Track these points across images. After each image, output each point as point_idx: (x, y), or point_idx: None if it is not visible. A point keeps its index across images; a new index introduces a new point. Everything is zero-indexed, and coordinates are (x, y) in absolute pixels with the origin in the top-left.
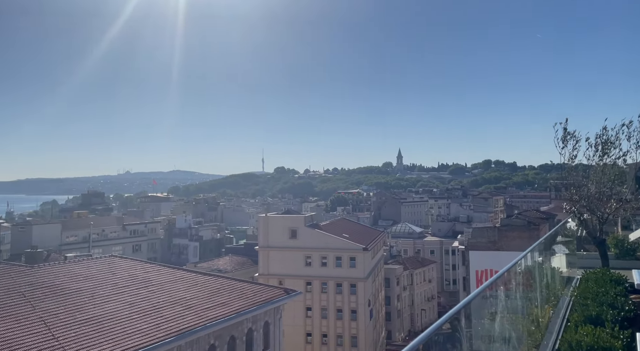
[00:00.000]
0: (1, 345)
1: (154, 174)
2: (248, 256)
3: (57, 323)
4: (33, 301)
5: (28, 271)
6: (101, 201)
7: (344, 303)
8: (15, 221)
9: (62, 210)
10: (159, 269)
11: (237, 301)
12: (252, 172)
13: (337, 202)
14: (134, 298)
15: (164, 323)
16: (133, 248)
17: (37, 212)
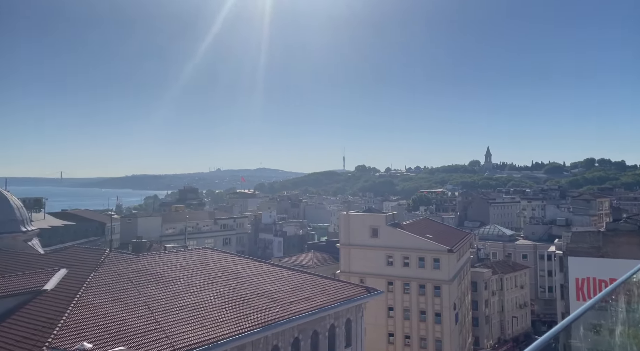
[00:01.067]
0: (113, 325)
1: (242, 172)
2: (329, 253)
3: (159, 308)
4: (139, 286)
5: (134, 259)
6: (195, 196)
7: (428, 305)
8: (123, 213)
9: (162, 204)
10: (247, 262)
11: (320, 296)
12: (333, 170)
13: (420, 201)
14: (225, 288)
15: (252, 314)
16: (223, 241)
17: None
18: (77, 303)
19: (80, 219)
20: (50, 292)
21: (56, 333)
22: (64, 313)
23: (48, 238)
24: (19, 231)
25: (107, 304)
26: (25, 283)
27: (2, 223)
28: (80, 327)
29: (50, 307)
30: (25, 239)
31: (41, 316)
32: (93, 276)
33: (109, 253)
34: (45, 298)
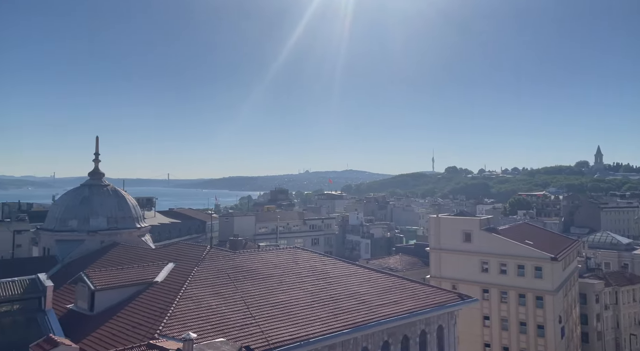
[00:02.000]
0: (214, 317)
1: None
2: (418, 256)
3: (254, 303)
4: (236, 282)
5: (231, 255)
6: (285, 197)
7: (529, 317)
8: (221, 212)
9: (255, 204)
10: (335, 263)
11: (409, 301)
12: (422, 172)
13: (518, 205)
14: (314, 287)
15: (341, 314)
16: (312, 241)
17: (236, 205)
18: (182, 295)
19: (185, 218)
20: (160, 284)
21: (166, 322)
22: (172, 304)
23: (158, 234)
24: (134, 228)
25: (208, 297)
26: (140, 275)
27: (121, 219)
28: (186, 317)
29: (160, 297)
30: (139, 234)
31: (153, 306)
32: (196, 270)
33: (210, 249)
34: (156, 289)
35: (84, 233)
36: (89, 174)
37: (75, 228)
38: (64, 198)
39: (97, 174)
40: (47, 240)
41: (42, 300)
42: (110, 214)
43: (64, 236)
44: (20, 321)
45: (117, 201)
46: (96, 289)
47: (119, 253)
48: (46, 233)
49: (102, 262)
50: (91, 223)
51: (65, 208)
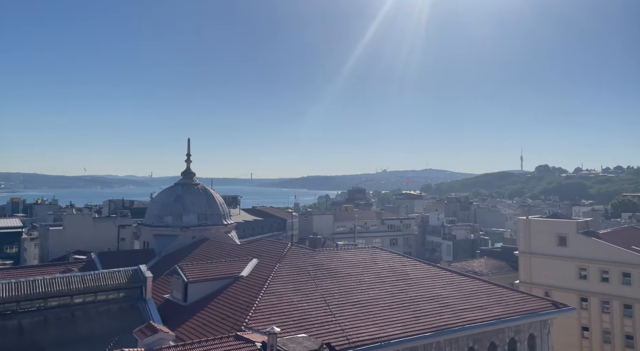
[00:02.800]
0: (296, 313)
1: (408, 173)
2: (506, 260)
3: (334, 301)
4: (316, 279)
5: (311, 253)
6: (363, 196)
7: (637, 331)
8: (300, 211)
9: (333, 203)
10: (415, 264)
11: (497, 306)
12: (509, 171)
13: (621, 207)
14: (394, 288)
15: (422, 317)
16: (390, 241)
17: (315, 204)
18: (266, 290)
19: (266, 215)
20: (246, 278)
21: (251, 315)
22: (256, 298)
23: (242, 230)
24: (222, 224)
25: (290, 293)
26: (228, 269)
27: (210, 216)
28: (270, 312)
29: (245, 291)
30: (226, 231)
31: (239, 299)
32: (278, 267)
33: (290, 246)
34: (241, 283)
35: (177, 229)
36: (182, 174)
37: (170, 224)
38: (160, 196)
39: (188, 174)
40: (147, 234)
41: (143, 289)
42: (201, 212)
43: (160, 231)
44: (125, 307)
45: (206, 199)
46: (189, 282)
47: (208, 247)
48: (145, 228)
49: (193, 256)
50: (184, 219)
51: (162, 206)
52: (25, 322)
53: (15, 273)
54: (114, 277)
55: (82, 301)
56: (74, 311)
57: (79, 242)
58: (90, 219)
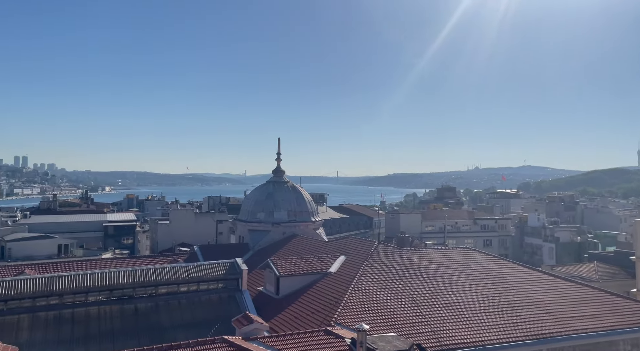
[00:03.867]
0: (384, 311)
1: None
2: (620, 265)
3: (423, 302)
4: (404, 279)
5: (399, 252)
6: (453, 195)
7: None
8: (387, 209)
9: (421, 202)
10: (512, 267)
11: (610, 316)
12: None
13: None
14: (489, 292)
15: (521, 324)
16: (484, 242)
17: (401, 202)
18: (354, 287)
19: (353, 213)
20: (334, 274)
21: (340, 311)
22: (344, 295)
23: (329, 227)
24: (310, 221)
25: (378, 291)
26: (317, 265)
27: (299, 213)
28: (358, 309)
29: (333, 287)
30: (314, 227)
31: (327, 295)
32: (366, 264)
33: (378, 244)
34: (330, 279)
35: (269, 224)
36: (273, 172)
37: (262, 220)
38: (253, 193)
39: (279, 172)
40: (242, 229)
41: (240, 281)
42: (290, 208)
43: (254, 226)
44: (224, 297)
45: (295, 196)
46: (280, 276)
47: (297, 243)
48: (240, 223)
49: (284, 251)
50: (275, 215)
51: (254, 202)
52: (140, 306)
53: (131, 262)
54: (214, 268)
55: (187, 290)
56: (180, 299)
57: (183, 235)
58: (192, 214)
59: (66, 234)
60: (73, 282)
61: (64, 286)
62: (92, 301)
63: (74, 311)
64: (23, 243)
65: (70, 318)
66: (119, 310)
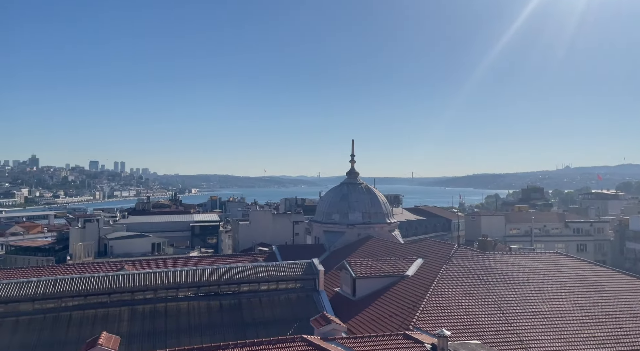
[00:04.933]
0: (466, 318)
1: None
2: None
3: (509, 309)
4: (487, 284)
5: (481, 256)
6: (540, 196)
7: None
8: (466, 211)
9: (504, 204)
10: (612, 275)
11: None
12: None
13: None
14: (584, 301)
15: (624, 337)
16: (577, 247)
17: (482, 204)
18: (433, 291)
19: (429, 215)
20: (411, 278)
21: (418, 315)
22: (423, 299)
23: (405, 229)
24: (385, 223)
25: (458, 296)
26: (393, 268)
27: (374, 214)
28: (438, 314)
29: (411, 291)
30: (389, 229)
31: (405, 298)
32: (445, 268)
33: (457, 248)
34: (407, 283)
35: (344, 226)
36: (347, 174)
37: (337, 221)
38: (327, 195)
39: (353, 174)
40: (317, 230)
41: (317, 281)
42: (365, 210)
43: (329, 227)
44: (301, 297)
45: (369, 197)
46: (357, 277)
47: (372, 245)
48: (316, 224)
49: (359, 253)
50: (349, 217)
51: (329, 204)
52: (225, 303)
53: (216, 260)
54: (292, 268)
55: (267, 289)
56: (260, 297)
57: (262, 235)
58: (270, 216)
59: (158, 234)
60: (166, 278)
61: (158, 282)
62: (182, 296)
63: (167, 305)
64: (122, 241)
65: (164, 312)
66: (206, 306)
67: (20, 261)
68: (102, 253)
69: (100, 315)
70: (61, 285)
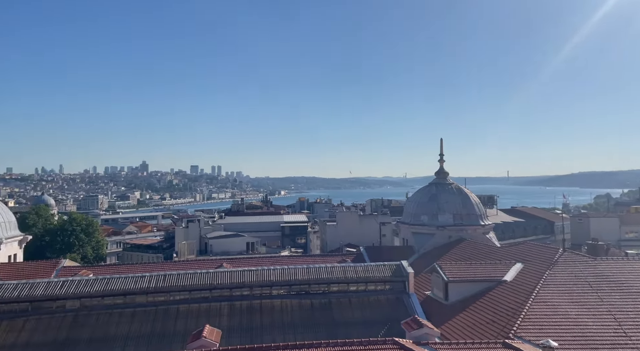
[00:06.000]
0: (575, 328)
1: None
2: None
3: (627, 321)
4: (599, 292)
5: (591, 262)
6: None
7: None
8: (572, 212)
9: (617, 204)
10: None
11: None
12: None
13: None
14: None
15: None
16: None
17: (590, 205)
18: (535, 298)
19: (528, 217)
20: (509, 283)
21: (519, 323)
22: (524, 306)
23: (501, 232)
24: (479, 225)
25: (565, 304)
26: (489, 272)
27: (466, 216)
28: (542, 322)
29: (510, 297)
30: (483, 232)
31: (504, 304)
32: (548, 273)
33: (562, 252)
34: (505, 288)
35: (433, 228)
36: (435, 174)
37: (426, 223)
38: (415, 196)
39: (442, 174)
40: (405, 232)
41: (406, 283)
42: (456, 211)
43: (417, 229)
44: (391, 299)
45: (461, 198)
46: (449, 281)
47: (465, 248)
48: (404, 226)
49: (450, 256)
50: (439, 218)
51: (417, 205)
52: (315, 302)
53: (306, 260)
54: (380, 270)
55: (356, 290)
56: (350, 297)
57: (349, 236)
58: (356, 217)
59: (252, 233)
60: (260, 276)
61: (253, 280)
62: (276, 294)
63: (262, 302)
64: (221, 240)
65: (259, 309)
66: (298, 304)
67: (134, 258)
68: (203, 251)
69: (203, 309)
70: (170, 280)
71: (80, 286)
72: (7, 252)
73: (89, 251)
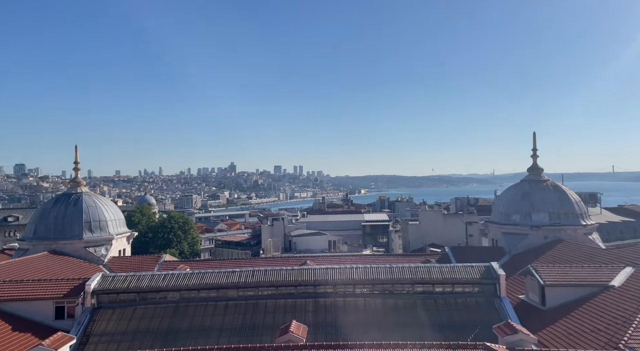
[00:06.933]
0: None
1: None
2: None
3: None
4: None
5: None
6: None
7: None
8: None
9: None
10: None
11: None
12: None
13: None
14: None
15: None
16: None
17: None
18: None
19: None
20: (617, 289)
21: (631, 333)
22: (636, 314)
23: (606, 233)
24: (579, 225)
25: None
26: (592, 276)
27: (564, 215)
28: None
29: (619, 304)
30: (585, 232)
31: (611, 312)
32: None
33: None
34: (612, 294)
35: (526, 227)
36: (528, 170)
37: (518, 222)
38: (505, 193)
39: (535, 170)
40: (494, 232)
41: (497, 286)
42: (552, 210)
43: (508, 229)
44: (480, 302)
45: (558, 196)
46: (545, 285)
47: (563, 249)
48: (493, 225)
49: (546, 257)
50: (533, 218)
51: (508, 203)
52: (399, 302)
53: (388, 259)
54: (468, 271)
55: (442, 291)
56: (436, 299)
57: (432, 235)
58: (440, 216)
59: (333, 232)
60: (343, 274)
61: (337, 278)
62: (359, 292)
63: (345, 300)
64: (304, 238)
65: (343, 306)
66: (382, 304)
67: (225, 253)
68: (288, 248)
69: (289, 305)
70: (258, 276)
71: (179, 279)
72: (118, 247)
73: (185, 247)
